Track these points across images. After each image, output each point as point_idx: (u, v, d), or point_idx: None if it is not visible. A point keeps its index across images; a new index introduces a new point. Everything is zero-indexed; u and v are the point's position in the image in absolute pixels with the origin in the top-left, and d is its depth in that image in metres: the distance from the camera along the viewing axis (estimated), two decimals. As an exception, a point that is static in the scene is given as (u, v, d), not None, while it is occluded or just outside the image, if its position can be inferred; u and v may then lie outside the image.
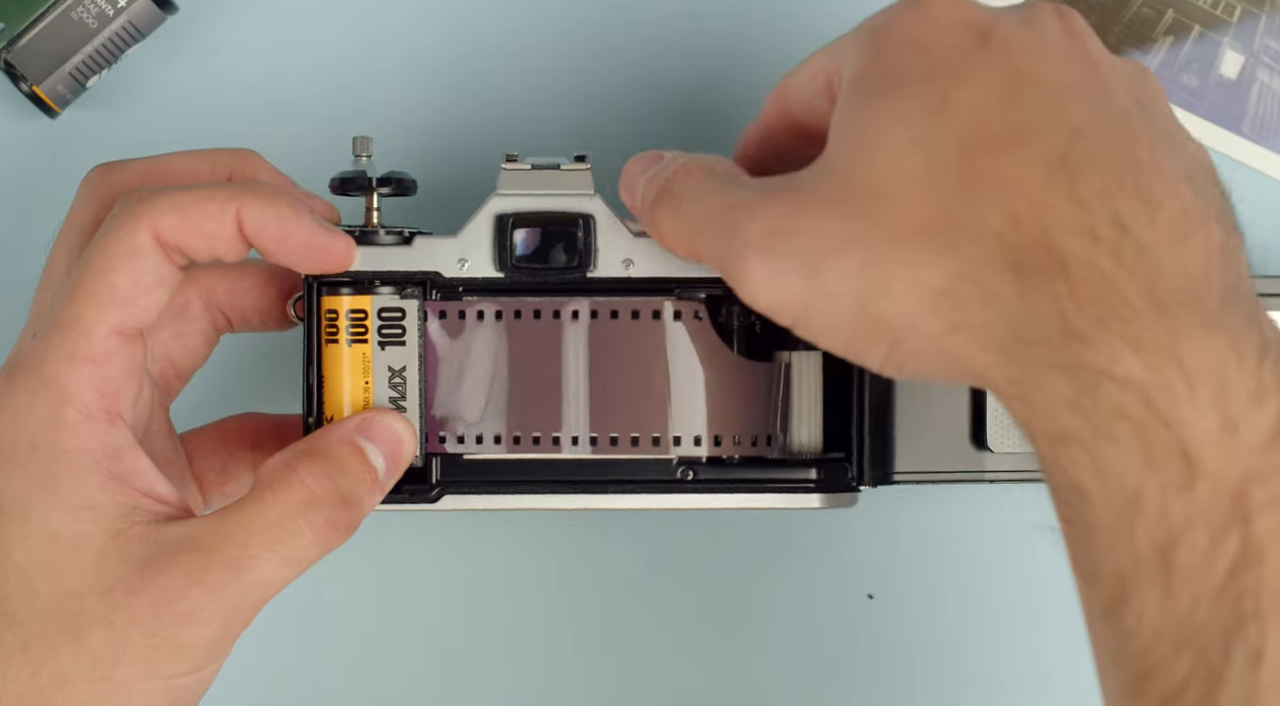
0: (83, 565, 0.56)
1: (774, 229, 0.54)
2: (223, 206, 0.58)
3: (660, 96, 0.68)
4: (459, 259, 0.61)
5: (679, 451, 0.62)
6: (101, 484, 0.56)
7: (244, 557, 0.56)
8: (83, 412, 0.57)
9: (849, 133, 0.55)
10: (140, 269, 0.57)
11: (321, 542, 0.57)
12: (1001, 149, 0.52)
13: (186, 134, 0.69)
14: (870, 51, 0.56)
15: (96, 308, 0.57)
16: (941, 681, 0.71)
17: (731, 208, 0.55)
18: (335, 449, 0.59)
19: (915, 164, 0.53)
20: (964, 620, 0.71)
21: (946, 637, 0.71)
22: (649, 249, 0.61)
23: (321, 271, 0.60)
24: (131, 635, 0.55)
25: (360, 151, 0.62)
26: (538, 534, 0.70)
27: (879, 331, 0.53)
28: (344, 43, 0.70)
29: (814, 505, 0.63)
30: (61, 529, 0.56)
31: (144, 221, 0.57)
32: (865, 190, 0.53)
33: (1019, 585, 0.71)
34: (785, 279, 0.54)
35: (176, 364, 0.63)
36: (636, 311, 0.62)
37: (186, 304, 0.62)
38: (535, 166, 0.61)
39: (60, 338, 0.57)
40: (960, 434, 0.65)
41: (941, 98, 0.53)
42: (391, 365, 0.61)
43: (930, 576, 0.71)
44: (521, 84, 0.70)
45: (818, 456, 0.63)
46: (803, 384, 0.63)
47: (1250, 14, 0.70)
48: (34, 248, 0.62)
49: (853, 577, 0.71)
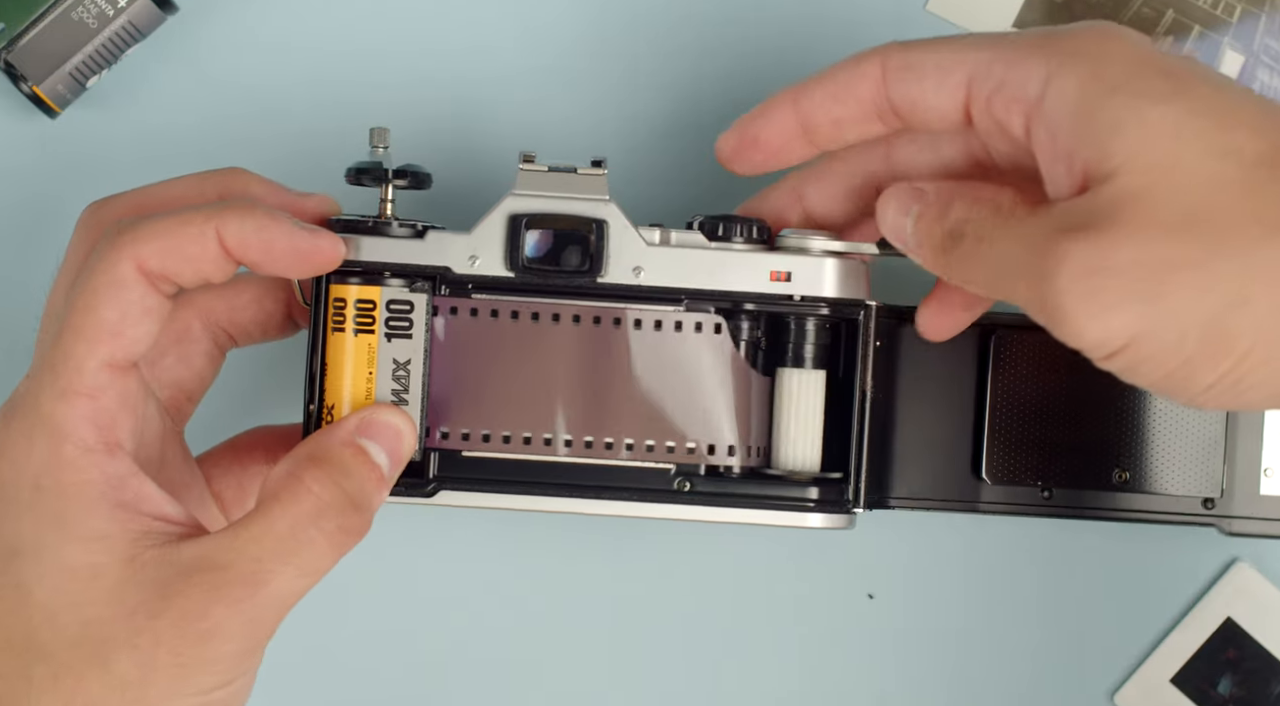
0: (102, 594, 0.56)
1: (1092, 267, 0.53)
2: (201, 228, 0.58)
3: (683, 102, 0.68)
4: (470, 256, 0.61)
5: (678, 461, 0.62)
6: (109, 514, 0.57)
7: (260, 572, 0.56)
8: (81, 447, 0.57)
9: (1127, 154, 0.55)
10: (126, 301, 0.58)
11: (336, 549, 0.58)
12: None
13: (186, 134, 0.69)
14: (1091, 74, 0.56)
15: (85, 342, 0.57)
16: (942, 681, 0.71)
17: (1036, 252, 0.55)
18: (337, 452, 0.59)
19: (1230, 175, 0.54)
20: (964, 620, 0.71)
21: (946, 637, 0.71)
22: (660, 257, 0.61)
23: (313, 273, 0.60)
24: (157, 656, 0.56)
25: (377, 142, 0.62)
26: (532, 534, 0.70)
27: (1227, 346, 0.53)
28: (344, 43, 0.70)
29: (810, 524, 0.63)
30: (76, 562, 0.56)
31: (125, 253, 0.57)
32: (1183, 208, 0.53)
33: (1019, 584, 0.71)
34: (1114, 312, 0.53)
35: (185, 388, 0.63)
36: (645, 320, 0.62)
37: (187, 327, 0.63)
38: (552, 168, 0.61)
39: (52, 376, 0.57)
40: (959, 463, 0.65)
41: (1216, 108, 0.54)
42: (396, 357, 0.61)
43: (930, 577, 0.71)
44: (535, 86, 0.70)
45: (816, 476, 0.63)
46: (805, 403, 0.63)
47: (1250, 14, 0.70)
48: (34, 247, 0.62)
49: (853, 577, 0.71)
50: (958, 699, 0.71)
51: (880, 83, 0.60)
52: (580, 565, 0.70)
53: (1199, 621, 0.70)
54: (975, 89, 0.59)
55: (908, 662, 0.71)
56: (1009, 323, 0.65)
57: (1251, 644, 0.70)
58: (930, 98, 0.59)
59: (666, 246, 0.62)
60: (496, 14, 0.70)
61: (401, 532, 0.70)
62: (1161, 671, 0.70)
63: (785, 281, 0.62)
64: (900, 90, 0.60)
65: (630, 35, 0.70)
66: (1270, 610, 0.70)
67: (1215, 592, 0.70)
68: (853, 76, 0.60)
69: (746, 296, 0.62)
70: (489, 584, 0.70)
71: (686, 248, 0.62)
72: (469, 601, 0.70)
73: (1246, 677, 0.70)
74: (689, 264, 0.62)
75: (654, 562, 0.70)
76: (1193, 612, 0.70)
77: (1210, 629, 0.70)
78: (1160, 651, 0.70)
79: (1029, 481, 0.66)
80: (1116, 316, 0.53)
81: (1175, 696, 0.70)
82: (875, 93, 0.60)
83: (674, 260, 0.62)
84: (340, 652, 0.70)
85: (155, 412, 0.61)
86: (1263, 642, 0.70)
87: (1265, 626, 0.70)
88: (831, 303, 0.62)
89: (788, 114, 0.61)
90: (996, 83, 0.58)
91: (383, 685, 0.70)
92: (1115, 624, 0.70)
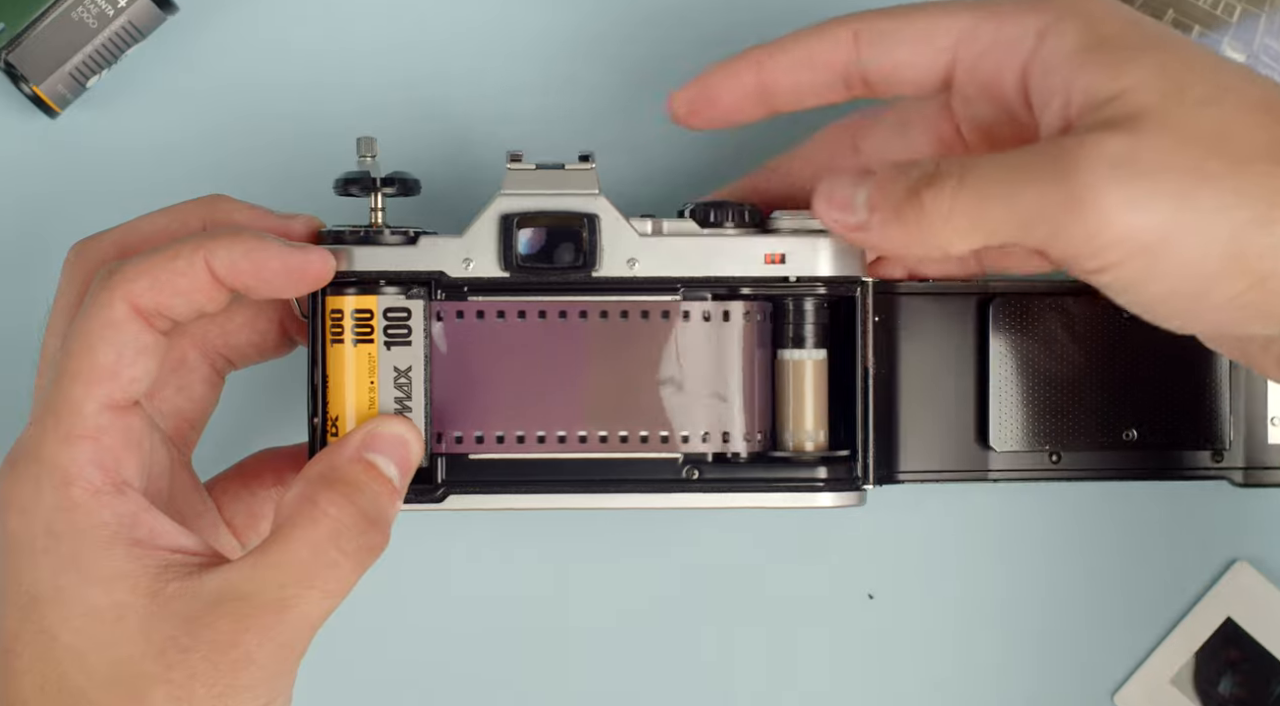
0: (130, 632, 0.56)
1: (1125, 158, 0.53)
2: (190, 260, 0.58)
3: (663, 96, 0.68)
4: (464, 259, 0.61)
5: (685, 450, 0.62)
6: (126, 552, 0.57)
7: (285, 598, 0.57)
8: (89, 490, 0.57)
9: (1138, 78, 0.55)
10: (121, 341, 0.58)
11: (359, 567, 0.58)
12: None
13: (186, 134, 0.69)
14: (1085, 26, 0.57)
15: (84, 385, 0.57)
16: (942, 681, 0.71)
17: (1051, 156, 0.55)
18: (348, 470, 0.59)
19: (1238, 110, 0.54)
20: (964, 620, 0.71)
21: (946, 637, 0.71)
22: (653, 247, 0.61)
23: (306, 290, 0.60)
24: (194, 690, 0.56)
25: (365, 152, 0.62)
26: (541, 531, 0.70)
27: (1248, 266, 0.53)
28: (344, 43, 0.70)
29: (821, 504, 0.63)
30: (99, 603, 0.56)
31: (118, 294, 0.58)
32: (1203, 127, 0.54)
33: (1019, 585, 0.71)
34: (1149, 204, 0.53)
35: (188, 416, 0.63)
36: (644, 310, 0.62)
37: (183, 356, 0.63)
38: (540, 166, 0.61)
39: (54, 421, 0.58)
40: (965, 433, 0.65)
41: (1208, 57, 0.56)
42: (397, 365, 0.61)
43: (930, 576, 0.71)
44: (524, 84, 0.70)
45: (823, 455, 0.63)
46: (808, 383, 0.63)
47: (1250, 14, 0.70)
48: (34, 247, 0.62)
49: (853, 577, 0.71)
50: (958, 699, 0.71)
51: (852, 50, 0.60)
52: (580, 564, 0.70)
53: (1199, 621, 0.70)
54: (962, 51, 0.59)
55: (907, 662, 0.71)
56: (1006, 289, 0.65)
57: (1251, 644, 0.69)
58: (908, 64, 0.60)
59: (659, 236, 0.62)
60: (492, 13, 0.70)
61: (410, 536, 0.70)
62: (1161, 671, 0.70)
63: (780, 263, 0.62)
64: (875, 56, 0.60)
65: (612, 29, 0.70)
66: (1270, 610, 0.69)
67: (1215, 592, 0.70)
68: (823, 43, 0.61)
69: (743, 281, 0.62)
70: (494, 584, 0.70)
71: (679, 236, 0.62)
72: (472, 601, 0.70)
73: (1247, 677, 0.70)
74: (683, 252, 0.62)
75: (656, 562, 0.70)
76: (1193, 612, 0.70)
77: (1210, 629, 0.70)
78: (1160, 651, 0.70)
79: (1037, 446, 0.65)
80: (1148, 213, 0.53)
81: (1175, 696, 0.70)
82: (846, 60, 0.61)
83: (668, 249, 0.62)
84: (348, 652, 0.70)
85: (161, 445, 0.61)
86: (1263, 642, 0.69)
87: (1265, 626, 0.69)
88: (828, 281, 0.62)
89: (750, 75, 0.62)
90: (987, 43, 0.58)
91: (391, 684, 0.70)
92: (1115, 623, 0.70)
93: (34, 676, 0.57)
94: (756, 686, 0.70)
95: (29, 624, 0.57)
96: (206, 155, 0.69)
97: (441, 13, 0.70)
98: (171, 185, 0.67)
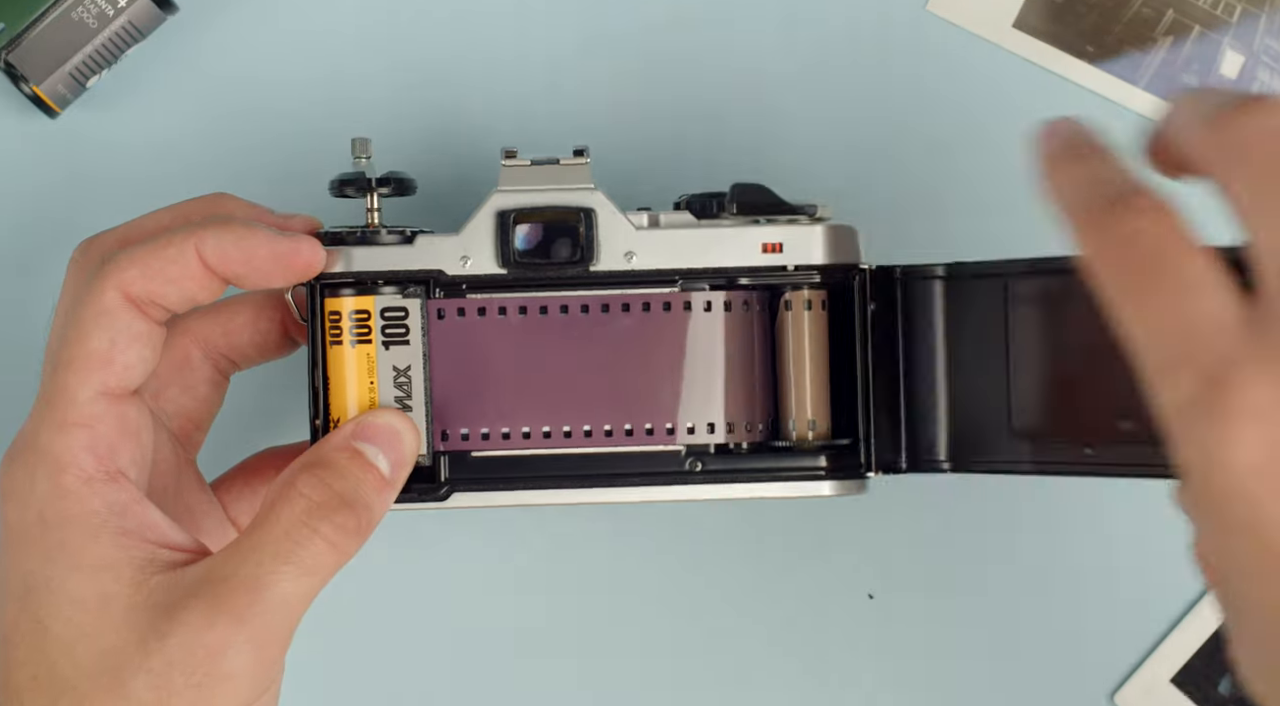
0: (113, 622, 0.56)
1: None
2: (180, 248, 0.58)
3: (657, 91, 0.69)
4: (461, 256, 0.61)
5: (688, 441, 0.62)
6: (113, 541, 0.57)
7: (260, 577, 0.56)
8: (81, 477, 0.57)
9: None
10: (114, 328, 0.58)
11: (333, 547, 0.57)
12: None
13: (186, 134, 0.69)
14: None
15: (77, 373, 0.58)
16: (941, 680, 0.71)
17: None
18: (330, 456, 0.59)
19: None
20: (964, 620, 0.71)
21: (946, 637, 0.71)
22: (650, 240, 0.62)
23: (297, 279, 0.60)
24: (172, 677, 0.56)
25: (359, 153, 0.62)
26: (544, 528, 0.70)
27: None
28: (344, 42, 0.70)
29: (824, 493, 0.63)
30: (85, 592, 0.57)
31: (109, 282, 0.58)
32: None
33: (1021, 585, 0.71)
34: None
35: (193, 417, 0.63)
36: (644, 303, 0.62)
37: (186, 357, 0.63)
38: (535, 162, 0.62)
39: (49, 410, 0.58)
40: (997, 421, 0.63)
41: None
42: (396, 364, 0.61)
43: (929, 575, 0.71)
44: (519, 80, 0.70)
45: (824, 443, 0.63)
46: (809, 371, 0.63)
47: (1250, 14, 0.70)
48: (34, 247, 0.62)
49: (853, 577, 0.71)
50: (958, 698, 0.70)
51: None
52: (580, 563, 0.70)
53: (1199, 621, 0.70)
54: None
55: (906, 661, 0.70)
56: (1024, 271, 0.62)
57: (1252, 644, 0.70)
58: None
59: (656, 229, 0.62)
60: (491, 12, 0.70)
61: (415, 534, 0.70)
62: (1161, 671, 0.70)
63: (777, 252, 0.62)
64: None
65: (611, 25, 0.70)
66: (1270, 611, 0.69)
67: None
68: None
69: (740, 271, 0.62)
70: (499, 581, 0.70)
71: (676, 228, 0.62)
72: (472, 598, 0.70)
73: (1246, 678, 0.70)
74: (680, 244, 0.62)
75: (658, 561, 0.70)
76: (1193, 612, 0.70)
77: (1210, 629, 0.70)
78: (1160, 651, 0.70)
79: (1069, 437, 0.62)
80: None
81: (1175, 696, 0.70)
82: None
83: (665, 242, 0.62)
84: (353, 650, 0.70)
85: (166, 443, 0.62)
86: (1263, 643, 0.69)
87: (1265, 627, 0.69)
88: (825, 269, 0.62)
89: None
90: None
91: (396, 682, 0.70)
92: (1115, 623, 0.70)
93: (29, 667, 0.57)
94: (757, 685, 0.70)
95: (25, 614, 0.57)
96: (207, 154, 0.69)
97: (441, 12, 0.70)
98: (172, 185, 0.68)
